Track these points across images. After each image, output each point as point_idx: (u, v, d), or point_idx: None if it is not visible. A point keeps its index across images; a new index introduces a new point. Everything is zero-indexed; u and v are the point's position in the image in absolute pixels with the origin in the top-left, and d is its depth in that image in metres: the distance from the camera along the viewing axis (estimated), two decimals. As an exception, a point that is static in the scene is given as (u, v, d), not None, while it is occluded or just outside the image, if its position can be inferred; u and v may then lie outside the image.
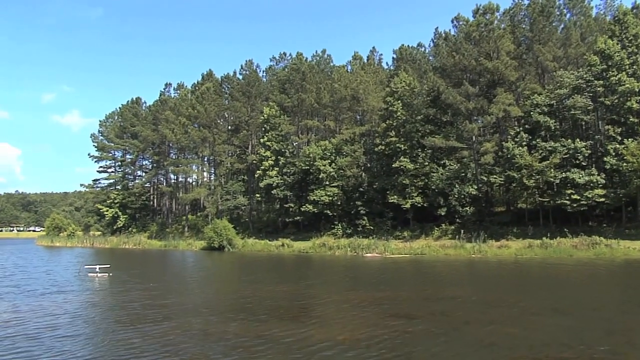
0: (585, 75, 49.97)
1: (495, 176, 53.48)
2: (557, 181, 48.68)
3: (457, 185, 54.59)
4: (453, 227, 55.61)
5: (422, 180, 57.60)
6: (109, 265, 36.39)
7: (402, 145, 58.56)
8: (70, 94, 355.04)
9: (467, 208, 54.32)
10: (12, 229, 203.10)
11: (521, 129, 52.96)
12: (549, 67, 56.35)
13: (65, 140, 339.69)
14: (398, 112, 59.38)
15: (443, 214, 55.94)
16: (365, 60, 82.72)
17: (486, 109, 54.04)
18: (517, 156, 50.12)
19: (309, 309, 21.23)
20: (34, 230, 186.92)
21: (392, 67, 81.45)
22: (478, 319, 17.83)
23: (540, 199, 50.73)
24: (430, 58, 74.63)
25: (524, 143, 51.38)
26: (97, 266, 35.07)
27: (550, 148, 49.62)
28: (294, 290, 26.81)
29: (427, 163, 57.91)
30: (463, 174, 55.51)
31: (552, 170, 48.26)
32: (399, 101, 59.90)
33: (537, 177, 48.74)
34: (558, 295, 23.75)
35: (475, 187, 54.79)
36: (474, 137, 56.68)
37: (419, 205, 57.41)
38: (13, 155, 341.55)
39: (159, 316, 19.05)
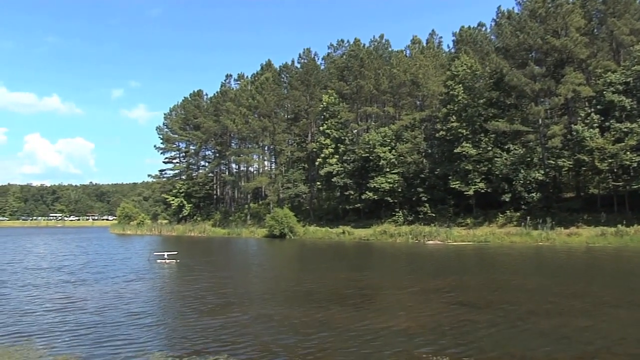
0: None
1: (563, 160, 51.06)
2: (635, 165, 45.79)
3: (522, 171, 52.59)
4: (518, 213, 53.72)
5: (485, 165, 55.99)
6: (176, 253, 37.94)
7: (464, 130, 57.11)
8: (137, 89, 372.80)
9: (534, 194, 52.26)
10: (88, 218, 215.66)
11: (592, 110, 50.16)
12: (625, 42, 52.57)
13: (133, 133, 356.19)
14: (459, 96, 57.87)
15: (508, 200, 54.17)
16: (425, 44, 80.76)
17: (553, 90, 51.56)
18: (588, 139, 47.56)
19: (371, 296, 21.32)
20: (107, 219, 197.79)
21: (452, 50, 79.14)
22: (547, 310, 17.23)
23: (614, 183, 48.00)
24: (493, 38, 71.72)
25: (596, 125, 48.63)
26: (165, 253, 36.62)
27: (625, 129, 46.67)
28: (355, 278, 26.97)
29: (490, 148, 56.19)
30: (529, 159, 53.38)
31: (627, 153, 45.46)
32: (460, 85, 58.32)
33: (611, 160, 46.09)
34: (635, 286, 22.54)
35: (542, 172, 52.60)
36: (540, 120, 54.23)
37: (482, 191, 55.91)
38: (87, 148, 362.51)
39: (224, 302, 19.76)
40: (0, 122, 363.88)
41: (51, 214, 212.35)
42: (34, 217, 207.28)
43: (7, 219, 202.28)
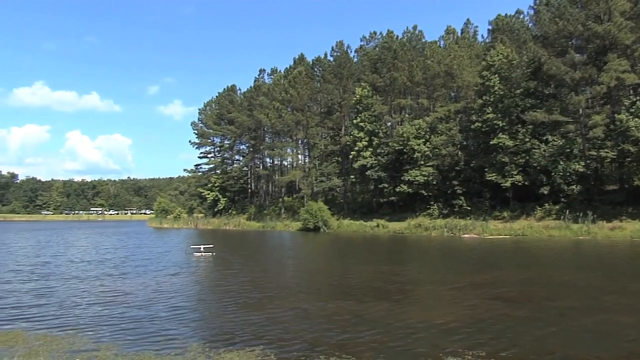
0: None
1: (606, 151, 49.38)
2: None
3: (561, 162, 51.17)
4: (557, 206, 52.35)
5: (522, 157, 54.77)
6: (212, 245, 38.54)
7: (500, 122, 55.96)
8: (172, 85, 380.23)
9: (574, 186, 50.81)
10: (126, 212, 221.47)
11: (638, 98, 48.25)
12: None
13: (169, 128, 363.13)
14: (495, 87, 56.68)
15: (546, 192, 52.86)
16: (459, 34, 79.30)
17: (595, 78, 49.86)
18: (633, 128, 45.83)
19: (406, 290, 21.20)
20: (144, 213, 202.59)
21: (487, 40, 77.39)
22: (588, 306, 16.78)
23: (660, 175, 46.21)
24: (531, 26, 69.76)
25: (641, 113, 46.83)
26: (202, 246, 37.28)
27: (673, 118, 44.81)
28: (390, 271, 26.87)
29: (527, 139, 54.89)
30: (568, 150, 51.86)
31: (676, 143, 43.64)
32: (496, 75, 57.11)
33: (657, 150, 44.35)
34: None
35: (583, 164, 51.06)
36: (580, 110, 52.58)
37: (520, 183, 54.75)
38: (125, 144, 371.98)
39: (259, 294, 20.01)
40: (43, 121, 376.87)
41: (92, 208, 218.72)
42: (76, 211, 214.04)
43: (51, 212, 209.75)
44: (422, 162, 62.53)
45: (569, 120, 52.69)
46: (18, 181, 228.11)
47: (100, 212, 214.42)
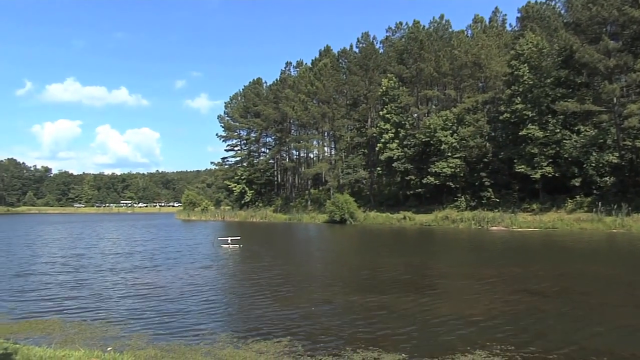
0: None
1: (641, 141, 47.91)
2: None
3: (594, 153, 49.87)
4: (589, 199, 51.07)
5: (552, 148, 53.58)
6: (239, 238, 39.04)
7: (530, 112, 54.81)
8: (199, 79, 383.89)
9: (607, 178, 49.47)
10: (155, 204, 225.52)
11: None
12: None
13: (196, 122, 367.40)
14: (525, 77, 55.47)
15: (577, 184, 51.65)
16: (487, 23, 77.85)
17: (631, 65, 48.25)
18: (669, 118, 44.35)
19: (433, 282, 21.10)
20: (173, 206, 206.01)
21: (517, 28, 75.69)
22: (622, 301, 16.38)
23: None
24: (562, 12, 67.90)
25: (679, 102, 45.23)
26: (229, 238, 37.79)
27: None
28: (417, 263, 26.77)
29: (558, 130, 53.64)
30: (601, 141, 50.47)
31: None
32: (526, 64, 55.85)
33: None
34: None
35: (617, 155, 49.60)
36: (615, 99, 50.97)
37: (550, 175, 53.59)
38: (153, 138, 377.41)
39: (287, 285, 20.20)
40: (75, 116, 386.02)
41: (122, 201, 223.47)
42: (107, 204, 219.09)
43: (83, 205, 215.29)
44: (449, 154, 61.80)
45: (603, 110, 51.19)
46: (51, 175, 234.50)
47: (129, 204, 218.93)
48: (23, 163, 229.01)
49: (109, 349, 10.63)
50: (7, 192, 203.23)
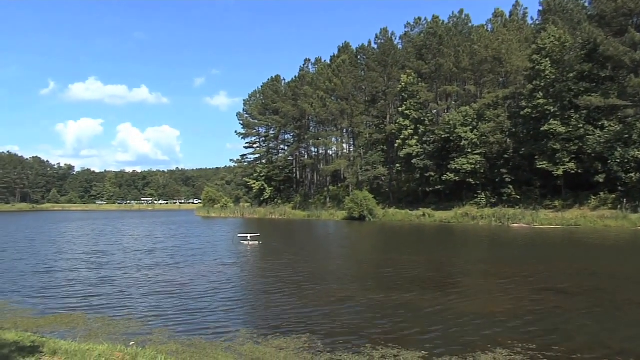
0: None
1: (668, 136, 46.77)
2: None
3: (619, 149, 48.84)
4: (614, 195, 50.12)
5: (575, 144, 52.65)
6: (258, 234, 39.25)
7: (552, 107, 53.91)
8: (218, 76, 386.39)
9: (632, 174, 48.39)
10: (175, 201, 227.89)
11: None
12: None
13: (215, 119, 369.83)
14: (546, 71, 54.55)
15: (601, 181, 50.69)
16: (508, 17, 76.71)
17: (657, 58, 47.17)
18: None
19: (453, 279, 20.95)
20: (192, 203, 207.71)
21: (538, 22, 74.45)
22: (646, 299, 16.08)
23: None
24: (586, 4, 66.55)
25: None
26: (249, 235, 38.00)
27: None
28: (436, 260, 26.61)
29: (581, 125, 52.68)
30: (627, 136, 49.38)
31: None
32: (547, 58, 54.90)
33: None
34: None
35: (643, 150, 48.55)
36: (641, 93, 49.92)
37: (572, 171, 52.70)
38: (173, 136, 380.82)
39: (306, 282, 20.25)
40: (96, 114, 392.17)
41: (142, 198, 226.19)
42: (128, 201, 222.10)
43: (105, 202, 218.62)
44: (469, 150, 61.19)
45: (628, 104, 50.11)
46: (74, 173, 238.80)
47: (150, 202, 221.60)
48: (47, 161, 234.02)
49: (131, 343, 10.79)
50: (32, 189, 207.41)
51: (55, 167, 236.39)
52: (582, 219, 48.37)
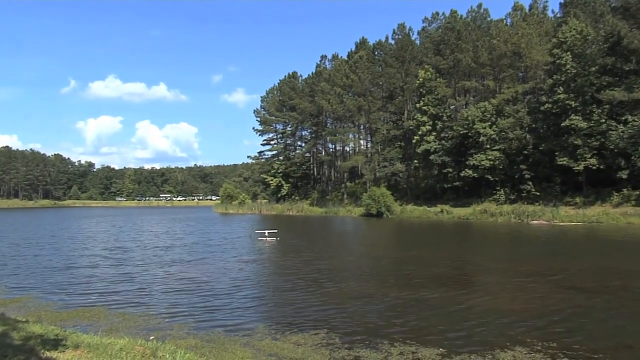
0: None
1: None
2: None
3: (643, 144, 47.90)
4: (638, 192, 49.17)
5: (597, 139, 51.74)
6: (276, 230, 39.39)
7: (573, 102, 53.06)
8: (236, 73, 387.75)
9: (656, 170, 47.47)
10: (193, 198, 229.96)
11: None
12: None
13: (233, 116, 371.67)
14: (567, 65, 53.67)
15: (625, 177, 49.76)
16: (528, 10, 75.56)
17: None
18: None
19: (472, 276, 20.79)
20: (210, 199, 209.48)
21: (559, 15, 73.30)
22: (670, 297, 15.76)
23: None
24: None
25: None
26: (266, 231, 38.21)
27: None
28: (454, 257, 26.41)
29: (603, 120, 51.74)
30: (651, 131, 48.42)
31: None
32: (569, 52, 54.01)
33: None
34: None
35: (667, 145, 47.53)
36: (665, 87, 48.80)
37: (594, 167, 51.83)
38: (191, 132, 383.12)
39: (324, 278, 20.29)
40: (116, 112, 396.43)
41: (161, 195, 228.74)
42: (147, 198, 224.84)
43: (124, 199, 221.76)
44: (488, 146, 60.57)
45: (652, 99, 49.09)
46: (95, 170, 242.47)
47: (169, 198, 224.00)
48: (68, 158, 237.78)
49: (151, 337, 10.94)
50: (53, 186, 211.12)
51: (76, 164, 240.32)
52: (604, 216, 47.56)
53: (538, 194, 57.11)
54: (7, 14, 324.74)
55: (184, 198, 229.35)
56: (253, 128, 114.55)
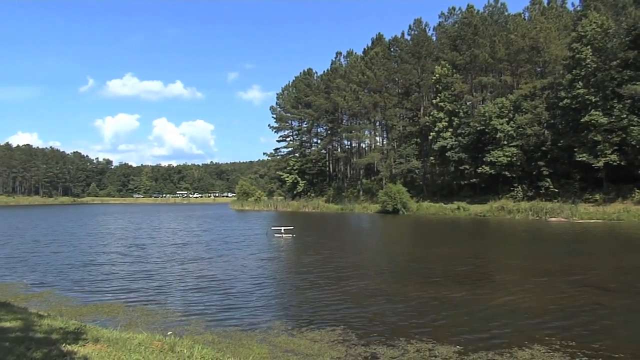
0: None
1: None
2: None
3: (665, 140, 46.95)
4: (660, 188, 48.25)
5: (618, 135, 50.83)
6: (292, 227, 39.49)
7: (593, 97, 52.20)
8: (251, 71, 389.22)
9: (679, 166, 46.52)
10: (209, 195, 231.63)
11: None
12: None
13: (248, 113, 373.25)
14: (587, 59, 52.80)
15: (646, 173, 48.85)
16: (546, 4, 74.49)
17: None
18: None
19: (489, 274, 20.61)
20: (227, 196, 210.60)
21: (579, 8, 72.05)
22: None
23: None
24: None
25: None
26: (282, 228, 38.31)
27: None
28: (471, 254, 26.21)
29: (625, 115, 50.79)
30: (673, 126, 47.43)
31: None
32: (589, 46, 53.09)
33: None
34: None
35: (690, 141, 46.54)
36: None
37: (614, 164, 50.94)
38: (207, 130, 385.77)
39: (340, 276, 20.28)
40: (133, 109, 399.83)
41: (178, 192, 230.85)
42: (164, 195, 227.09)
43: (142, 196, 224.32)
44: (505, 142, 59.93)
45: (674, 94, 48.09)
46: (112, 167, 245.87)
47: (185, 195, 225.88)
48: (87, 156, 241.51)
49: (169, 333, 11.05)
50: (72, 183, 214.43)
51: (95, 161, 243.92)
52: (624, 213, 46.76)
53: (556, 190, 56.37)
54: (27, 15, 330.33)
55: (200, 195, 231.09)
56: (269, 125, 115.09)
